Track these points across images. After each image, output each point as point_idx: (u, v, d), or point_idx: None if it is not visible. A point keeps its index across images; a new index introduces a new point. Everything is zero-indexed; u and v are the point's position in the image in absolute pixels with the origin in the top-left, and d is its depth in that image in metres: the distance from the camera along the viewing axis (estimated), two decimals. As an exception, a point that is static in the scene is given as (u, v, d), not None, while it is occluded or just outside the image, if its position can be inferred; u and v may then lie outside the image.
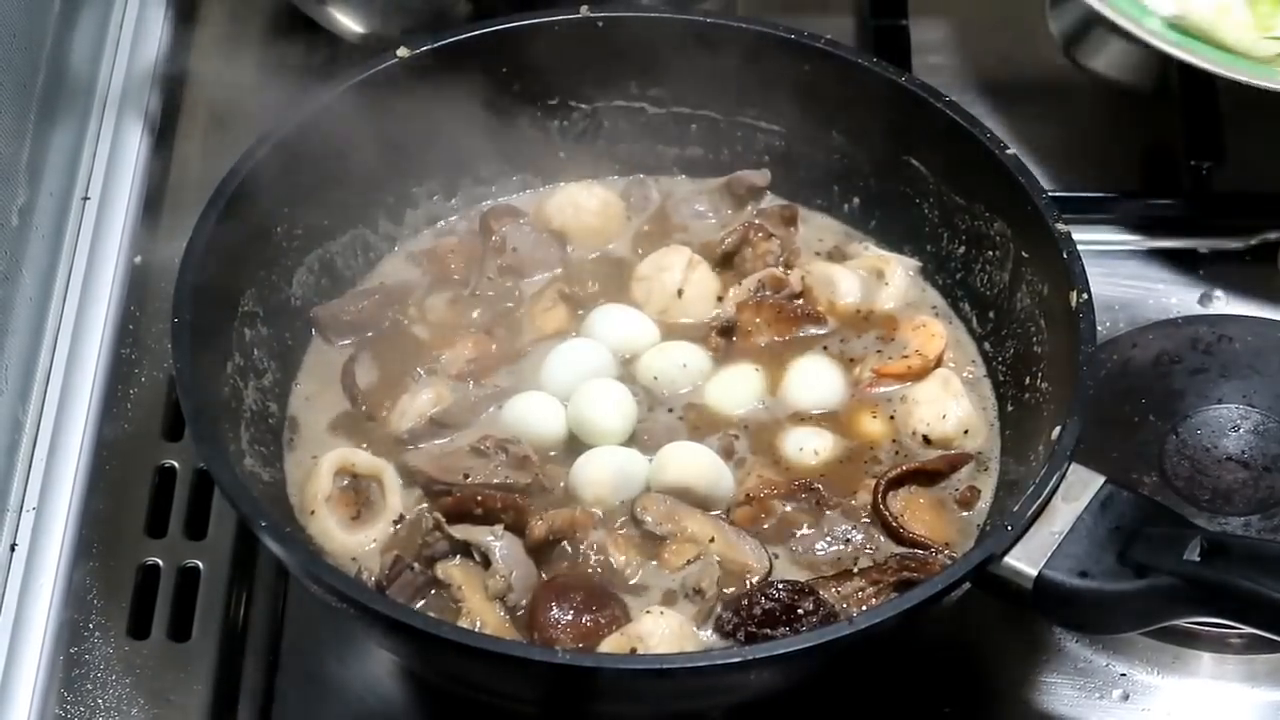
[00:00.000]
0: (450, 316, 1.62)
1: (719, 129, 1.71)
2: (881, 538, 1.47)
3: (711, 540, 1.45)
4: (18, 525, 1.60)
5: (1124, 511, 1.37)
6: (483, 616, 1.40)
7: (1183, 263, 1.78)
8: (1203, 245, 1.79)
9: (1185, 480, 1.59)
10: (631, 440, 1.53)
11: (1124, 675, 1.52)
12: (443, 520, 1.44)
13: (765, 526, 1.48)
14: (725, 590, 1.43)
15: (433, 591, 1.43)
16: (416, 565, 1.42)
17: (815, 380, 1.56)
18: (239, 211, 1.52)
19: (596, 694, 1.34)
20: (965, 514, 1.49)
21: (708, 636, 1.40)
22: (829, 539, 1.47)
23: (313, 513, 1.47)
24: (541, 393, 1.55)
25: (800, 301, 1.61)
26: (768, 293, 1.61)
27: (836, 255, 1.67)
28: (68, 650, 1.52)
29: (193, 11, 2.03)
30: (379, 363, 1.58)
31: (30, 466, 1.63)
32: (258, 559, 1.58)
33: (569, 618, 1.39)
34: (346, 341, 1.60)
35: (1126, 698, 1.51)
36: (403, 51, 1.62)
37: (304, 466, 1.52)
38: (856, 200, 1.69)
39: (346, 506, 1.48)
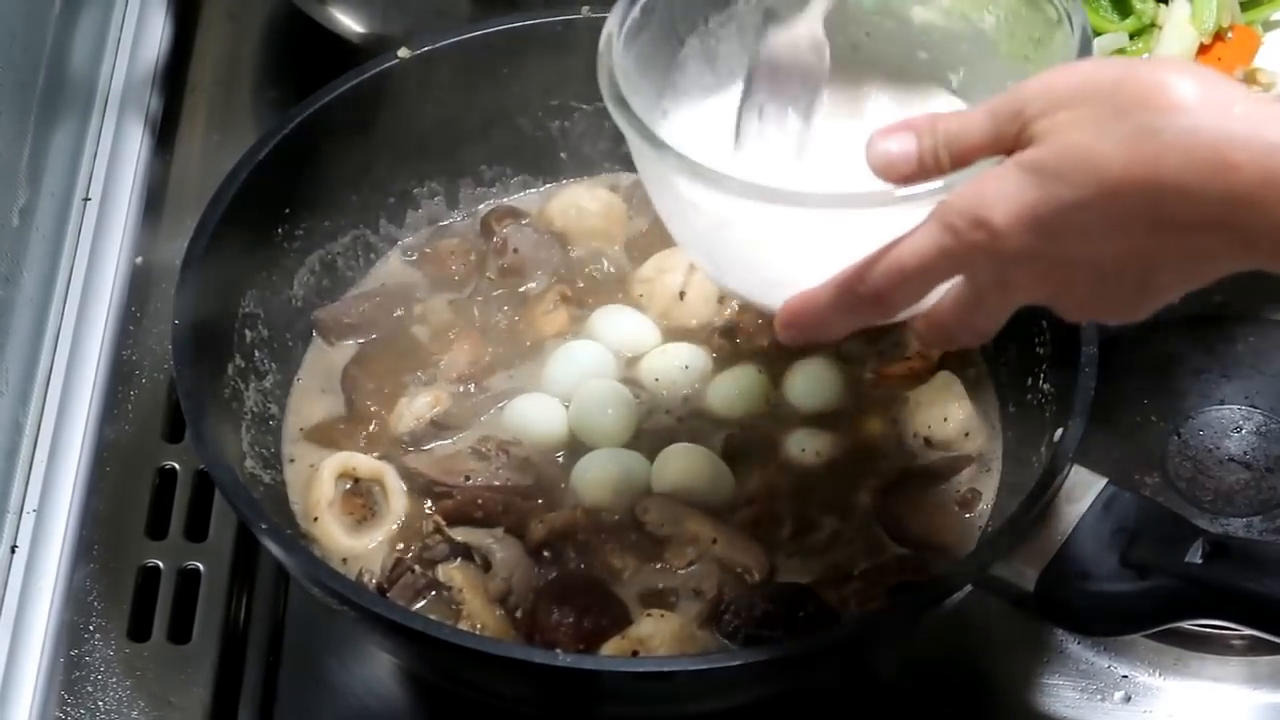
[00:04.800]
0: (451, 318, 1.62)
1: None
2: (882, 540, 1.47)
3: (713, 542, 1.45)
4: (18, 527, 1.59)
5: (1126, 513, 1.37)
6: (483, 619, 1.40)
7: (1184, 263, 1.78)
8: (1204, 245, 1.78)
9: (1187, 481, 1.59)
10: (633, 442, 1.52)
11: (1126, 677, 1.52)
12: (443, 523, 1.44)
13: (766, 528, 1.47)
14: (726, 592, 1.43)
15: (433, 594, 1.43)
16: (417, 568, 1.42)
17: (817, 382, 1.56)
18: (240, 213, 1.52)
19: (597, 696, 1.34)
20: (967, 516, 1.49)
21: (709, 639, 1.40)
22: (829, 540, 1.47)
23: (316, 519, 1.47)
24: (543, 394, 1.55)
25: (801, 302, 1.61)
26: (769, 294, 1.60)
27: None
28: (68, 652, 1.52)
29: (193, 12, 2.03)
30: (380, 364, 1.58)
31: (30, 468, 1.63)
32: (258, 561, 1.58)
33: (569, 620, 1.39)
34: (347, 343, 1.60)
35: (1128, 699, 1.51)
36: (404, 52, 1.62)
37: (305, 470, 1.51)
38: (859, 201, 1.68)
39: (350, 511, 1.48)
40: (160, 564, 1.58)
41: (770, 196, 1.14)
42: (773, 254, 1.20)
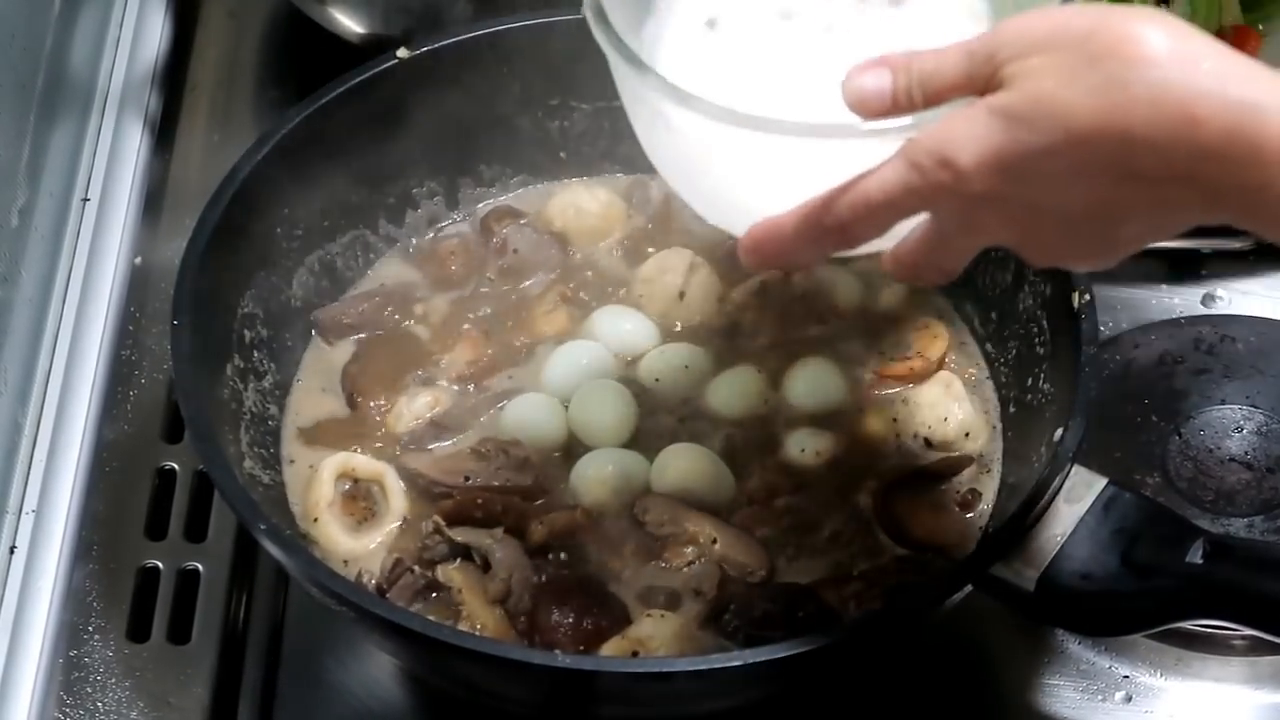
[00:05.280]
0: (450, 318, 1.62)
1: (720, 129, 1.70)
2: (882, 540, 1.47)
3: (713, 542, 1.45)
4: (17, 527, 1.59)
5: (1126, 513, 1.36)
6: (482, 619, 1.40)
7: (1185, 263, 1.78)
8: (1205, 245, 1.78)
9: (1188, 481, 1.59)
10: (632, 442, 1.52)
11: (1127, 677, 1.51)
12: (443, 523, 1.43)
13: (766, 528, 1.47)
14: (726, 592, 1.42)
15: (433, 594, 1.42)
16: (417, 568, 1.42)
17: (817, 382, 1.56)
18: (239, 213, 1.52)
19: (597, 697, 1.34)
20: (967, 516, 1.48)
21: (709, 639, 1.40)
22: (829, 541, 1.46)
23: (316, 519, 1.47)
24: (542, 395, 1.55)
25: (802, 303, 1.60)
26: (769, 294, 1.60)
27: (838, 256, 1.66)
28: (67, 653, 1.52)
29: (193, 11, 2.03)
30: (379, 365, 1.58)
31: (30, 468, 1.63)
32: (258, 561, 1.57)
33: (569, 620, 1.39)
34: (347, 343, 1.60)
35: (1129, 699, 1.51)
36: (403, 52, 1.62)
37: (304, 470, 1.51)
38: (858, 201, 1.68)
39: (350, 512, 1.48)
40: (159, 564, 1.58)
41: (741, 121, 1.14)
42: (743, 180, 1.20)
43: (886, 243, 1.16)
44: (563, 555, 1.44)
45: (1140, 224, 1.08)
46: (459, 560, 1.43)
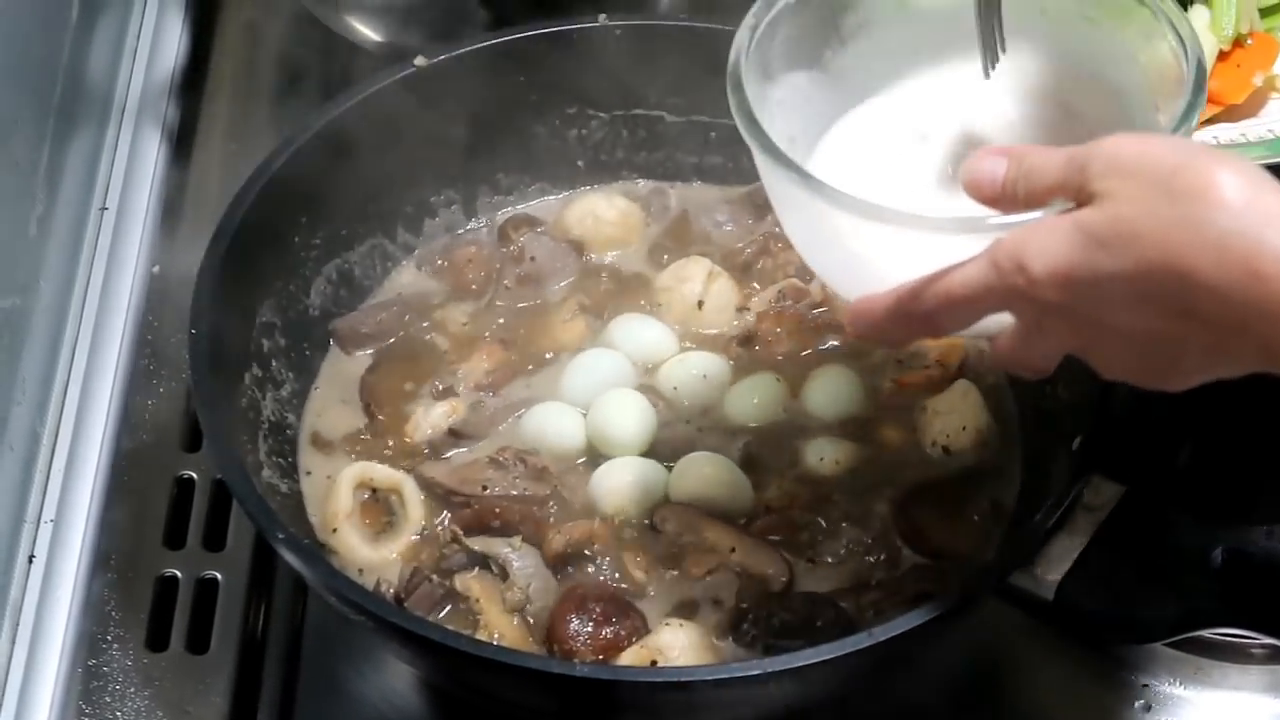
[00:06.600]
0: (468, 327, 1.62)
1: (738, 137, 1.69)
2: (901, 549, 1.46)
3: (731, 551, 1.45)
4: (35, 537, 1.59)
5: (1145, 521, 1.36)
6: (501, 629, 1.40)
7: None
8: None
9: (1207, 489, 1.58)
10: (651, 451, 1.52)
11: (1146, 686, 1.51)
12: (460, 532, 1.44)
13: (785, 537, 1.47)
14: (745, 601, 1.42)
15: (451, 604, 1.42)
16: (435, 577, 1.42)
17: (835, 390, 1.56)
18: (257, 222, 1.52)
19: (615, 706, 1.34)
20: (985, 525, 1.48)
21: (727, 648, 1.40)
22: (848, 550, 1.46)
23: (334, 530, 1.47)
24: (560, 403, 1.55)
25: (821, 310, 1.60)
26: (788, 302, 1.60)
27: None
28: (86, 662, 1.52)
29: (210, 21, 2.03)
30: (397, 374, 1.58)
31: (48, 478, 1.63)
32: (276, 570, 1.57)
33: (588, 630, 1.39)
34: (365, 352, 1.60)
35: (1149, 708, 1.50)
36: (420, 61, 1.62)
37: (322, 480, 1.51)
38: (876, 209, 1.68)
39: (369, 522, 1.48)
40: (178, 573, 1.58)
41: (845, 205, 1.20)
42: (855, 257, 1.25)
43: (985, 330, 1.19)
44: (581, 564, 1.44)
45: (1197, 360, 1.11)
46: (477, 569, 1.43)
